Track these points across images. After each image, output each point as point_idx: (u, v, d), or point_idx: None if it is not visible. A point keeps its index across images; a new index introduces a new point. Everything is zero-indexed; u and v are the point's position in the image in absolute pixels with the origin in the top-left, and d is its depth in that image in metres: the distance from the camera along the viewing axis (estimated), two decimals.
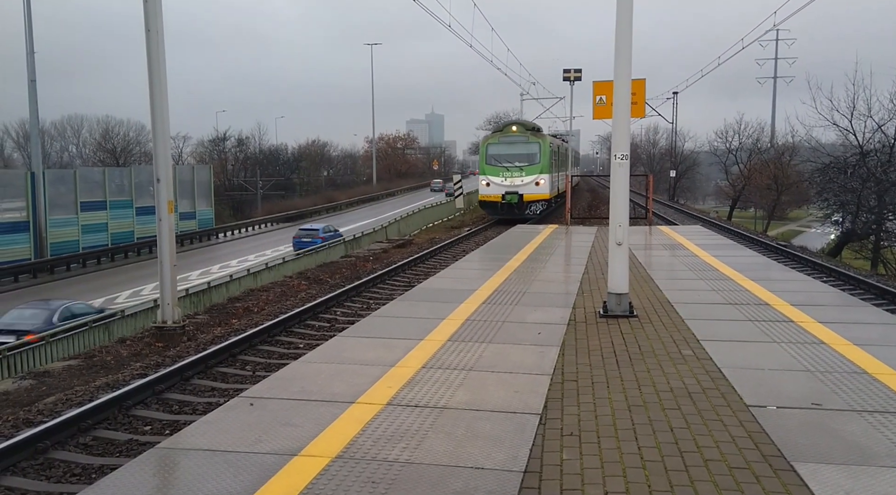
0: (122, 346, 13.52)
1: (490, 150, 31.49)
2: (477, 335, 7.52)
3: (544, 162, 30.81)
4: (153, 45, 13.16)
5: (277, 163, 79.68)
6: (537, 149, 30.95)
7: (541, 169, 30.65)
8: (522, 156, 30.95)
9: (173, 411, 8.72)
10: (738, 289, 10.06)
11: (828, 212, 39.59)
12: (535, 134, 31.88)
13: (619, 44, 8.39)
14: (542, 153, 30.90)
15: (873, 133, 36.46)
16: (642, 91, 13.07)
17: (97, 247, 32.29)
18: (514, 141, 31.06)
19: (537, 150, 30.93)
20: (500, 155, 31.10)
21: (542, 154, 30.89)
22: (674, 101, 58.40)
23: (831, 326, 7.75)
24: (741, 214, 62.40)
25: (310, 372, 6.36)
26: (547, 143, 31.52)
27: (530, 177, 30.48)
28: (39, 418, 8.56)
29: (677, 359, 6.67)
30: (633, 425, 5.01)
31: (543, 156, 30.85)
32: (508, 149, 31.09)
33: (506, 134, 31.77)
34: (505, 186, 30.54)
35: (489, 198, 31.25)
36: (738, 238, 26.35)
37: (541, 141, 31.25)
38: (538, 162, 30.71)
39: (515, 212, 30.56)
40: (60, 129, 76.57)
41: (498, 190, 30.64)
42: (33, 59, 27.39)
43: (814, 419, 5.04)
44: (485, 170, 31.52)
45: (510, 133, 31.63)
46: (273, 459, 4.39)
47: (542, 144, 31.11)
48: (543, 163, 30.73)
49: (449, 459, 4.38)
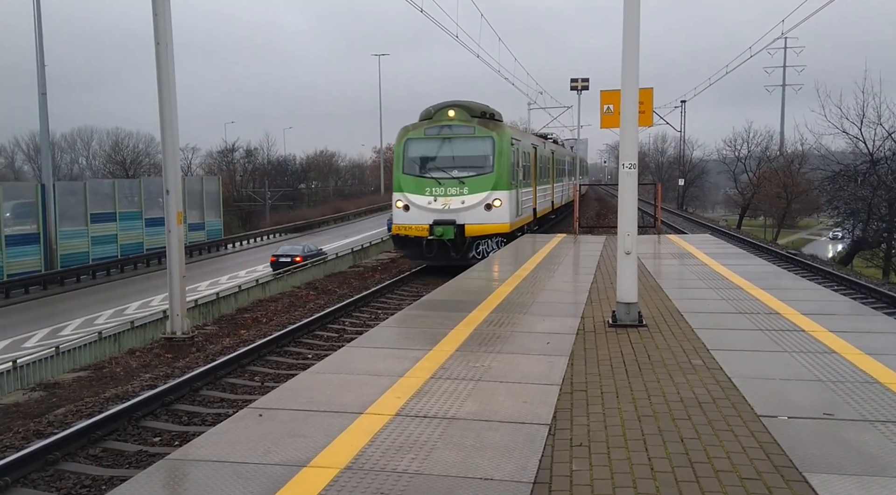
0: (132, 357, 13.57)
1: (410, 150, 19.79)
2: (486, 345, 7.51)
3: (501, 169, 19.32)
4: (163, 57, 13.28)
5: (286, 174, 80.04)
6: (489, 149, 19.33)
7: (496, 181, 19.14)
8: (464, 161, 19.47)
9: (182, 422, 8.74)
10: (748, 298, 10.01)
11: (838, 221, 39.42)
12: (486, 123, 19.99)
13: (626, 53, 8.40)
14: (499, 155, 19.30)
15: (883, 141, 36.35)
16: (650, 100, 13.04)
17: (107, 258, 32.47)
18: (451, 134, 19.51)
19: (490, 151, 19.34)
20: (426, 158, 19.70)
21: (499, 156, 19.30)
22: (682, 109, 58.43)
23: (843, 335, 7.69)
24: (751, 223, 62.20)
25: (318, 382, 6.36)
26: (506, 139, 19.68)
27: (477, 196, 18.98)
28: (50, 429, 8.60)
29: (687, 368, 6.64)
30: (643, 435, 4.98)
31: (500, 159, 19.30)
32: (441, 147, 19.58)
33: (437, 122, 19.79)
34: (434, 212, 19.02)
35: (407, 230, 19.26)
36: (747, 246, 26.26)
37: (496, 135, 19.48)
38: (490, 170, 19.23)
39: (452, 255, 19.00)
40: (71, 142, 77.33)
41: (422, 217, 19.06)
42: (44, 72, 27.68)
43: (826, 429, 5.00)
44: (400, 183, 19.65)
45: (444, 120, 19.68)
46: (282, 470, 4.39)
47: (497, 140, 19.37)
48: (500, 172, 19.28)
49: (458, 470, 4.36)
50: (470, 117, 19.74)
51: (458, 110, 19.66)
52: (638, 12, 8.37)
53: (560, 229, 28.66)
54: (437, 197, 19.01)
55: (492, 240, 19.15)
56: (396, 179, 19.78)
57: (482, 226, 18.93)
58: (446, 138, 19.48)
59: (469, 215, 18.91)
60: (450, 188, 19.03)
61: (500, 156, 19.21)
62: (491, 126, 19.79)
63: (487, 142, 19.34)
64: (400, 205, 19.41)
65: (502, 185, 19.20)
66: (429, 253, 19.15)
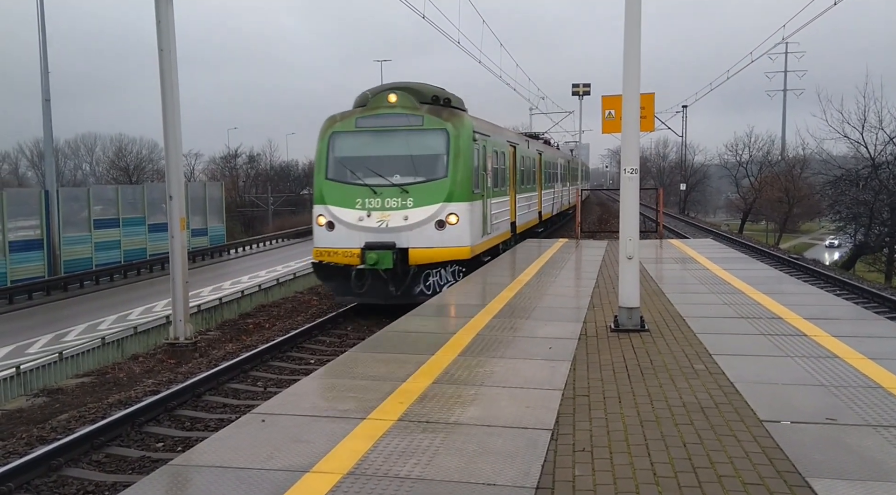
0: (135, 363, 13.58)
1: (336, 147, 15.03)
2: (488, 350, 7.51)
3: (459, 173, 14.48)
4: (166, 64, 13.32)
5: (288, 180, 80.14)
6: (443, 146, 14.59)
7: (451, 190, 14.36)
8: (409, 162, 14.65)
9: (185, 428, 8.75)
10: (751, 303, 10.01)
11: (840, 225, 39.42)
12: (438, 111, 15.04)
13: (627, 58, 8.43)
14: (456, 154, 14.51)
15: (885, 145, 36.41)
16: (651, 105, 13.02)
17: (110, 264, 32.50)
18: (392, 126, 14.80)
19: (443, 148, 14.59)
20: (357, 158, 14.84)
21: (456, 156, 14.50)
22: (683, 114, 58.45)
23: (845, 340, 7.69)
24: (752, 227, 62.16)
25: (321, 387, 6.37)
26: (465, 133, 14.79)
27: (426, 210, 14.21)
28: (53, 435, 8.61)
29: (690, 373, 6.63)
30: (646, 440, 4.98)
31: (457, 160, 14.49)
32: (378, 144, 14.92)
33: (373, 110, 15.00)
34: (367, 231, 14.24)
35: (331, 256, 14.47)
36: (749, 251, 26.25)
37: (451, 127, 14.63)
38: (444, 174, 14.47)
39: (390, 290, 14.11)
40: (74, 148, 77.47)
41: (351, 239, 14.30)
42: (48, 79, 27.70)
43: (829, 434, 5.00)
44: (323, 192, 14.83)
45: (383, 108, 14.93)
46: (284, 476, 4.39)
47: (453, 134, 14.57)
48: (457, 178, 14.45)
49: (461, 475, 4.36)
50: (417, 104, 14.80)
51: (401, 95, 14.79)
52: (639, 18, 8.40)
53: (562, 234, 28.69)
54: (372, 211, 14.13)
55: (446, 269, 14.21)
56: (318, 188, 14.86)
57: (432, 250, 14.00)
58: (385, 131, 14.69)
59: (415, 236, 14.01)
60: (389, 199, 14.15)
61: (457, 155, 14.38)
62: (445, 115, 14.74)
63: (440, 137, 14.49)
64: (322, 221, 14.48)
65: (460, 195, 14.32)
66: (359, 287, 14.00)
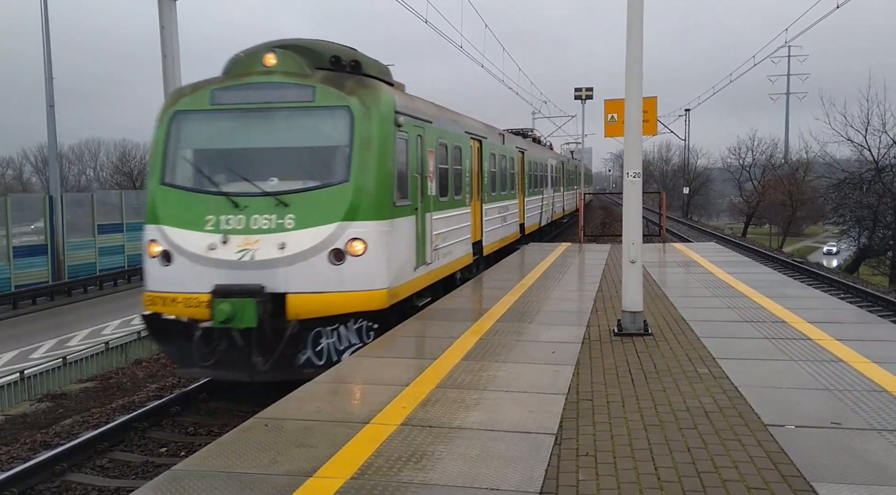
0: (139, 368, 13.58)
1: (181, 134, 9.24)
2: (491, 354, 7.50)
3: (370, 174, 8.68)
4: (169, 69, 13.37)
5: None
6: (344, 133, 8.74)
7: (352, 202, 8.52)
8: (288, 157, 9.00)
9: (189, 433, 8.74)
10: (754, 307, 9.99)
11: (844, 228, 39.34)
12: (340, 80, 9.03)
13: (629, 63, 8.42)
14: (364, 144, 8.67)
15: (888, 148, 36.35)
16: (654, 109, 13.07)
17: (114, 269, 32.56)
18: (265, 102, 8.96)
19: (345, 136, 8.73)
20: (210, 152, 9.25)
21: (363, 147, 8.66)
22: (686, 117, 58.47)
23: (849, 344, 7.67)
24: (756, 231, 62.03)
25: (324, 391, 6.36)
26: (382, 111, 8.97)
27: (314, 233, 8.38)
28: (57, 440, 8.62)
29: (693, 377, 6.62)
30: (650, 445, 4.97)
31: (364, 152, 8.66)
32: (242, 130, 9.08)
33: (240, 79, 9.13)
34: (220, 265, 8.36)
35: (168, 305, 8.61)
36: (753, 255, 26.21)
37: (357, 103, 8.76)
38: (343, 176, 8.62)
39: (256, 360, 8.14)
40: (78, 153, 77.68)
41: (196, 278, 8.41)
42: (52, 85, 27.81)
43: (833, 438, 4.98)
44: (156, 204, 8.94)
45: (255, 75, 9.07)
46: (288, 481, 4.39)
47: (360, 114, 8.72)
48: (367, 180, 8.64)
49: (464, 480, 4.36)
50: (308, 69, 9.14)
51: (283, 55, 9.13)
52: (641, 22, 8.40)
53: (565, 238, 28.67)
54: (231, 234, 8.50)
55: (348, 325, 8.61)
56: (150, 198, 9.16)
57: (325, 295, 8.43)
58: (255, 110, 9.06)
59: (296, 274, 8.38)
60: (258, 216, 8.54)
61: (365, 147, 8.73)
62: (350, 86, 8.99)
63: (339, 119, 8.86)
64: (154, 250, 8.87)
65: (371, 209, 8.70)
66: (206, 356, 8.43)
